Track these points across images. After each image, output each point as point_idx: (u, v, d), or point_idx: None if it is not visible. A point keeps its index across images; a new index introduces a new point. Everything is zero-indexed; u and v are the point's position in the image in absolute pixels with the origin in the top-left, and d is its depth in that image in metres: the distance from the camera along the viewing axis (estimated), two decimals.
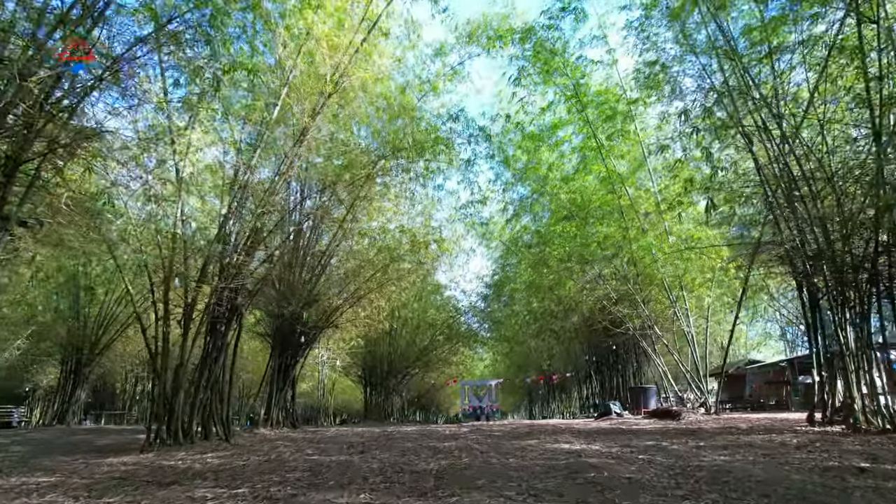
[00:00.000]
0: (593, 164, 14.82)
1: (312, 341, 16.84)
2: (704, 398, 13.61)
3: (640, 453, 6.58)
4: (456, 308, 29.64)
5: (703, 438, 8.03)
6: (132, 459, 7.80)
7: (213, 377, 10.21)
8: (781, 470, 4.98)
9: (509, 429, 10.92)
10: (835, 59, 8.65)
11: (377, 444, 8.91)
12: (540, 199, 16.65)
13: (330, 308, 16.40)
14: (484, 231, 21.20)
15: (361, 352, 27.46)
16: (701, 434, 8.66)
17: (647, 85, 11.82)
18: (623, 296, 15.42)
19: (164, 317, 10.22)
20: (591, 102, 14.23)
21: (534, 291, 18.18)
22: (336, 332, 20.98)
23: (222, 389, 10.37)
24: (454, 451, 7.29)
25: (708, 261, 13.19)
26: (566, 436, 8.92)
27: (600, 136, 14.17)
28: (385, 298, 19.16)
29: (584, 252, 14.19)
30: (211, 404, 10.13)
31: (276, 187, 10.75)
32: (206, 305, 10.01)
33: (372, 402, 29.64)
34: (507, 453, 6.90)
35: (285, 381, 15.80)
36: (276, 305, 15.60)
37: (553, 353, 31.98)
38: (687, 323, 14.20)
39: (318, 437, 11.51)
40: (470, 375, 42.33)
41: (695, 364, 14.08)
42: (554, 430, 9.98)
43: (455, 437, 9.61)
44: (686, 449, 6.87)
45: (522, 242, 17.68)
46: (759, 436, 8.22)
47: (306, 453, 8.00)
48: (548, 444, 7.65)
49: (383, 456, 7.16)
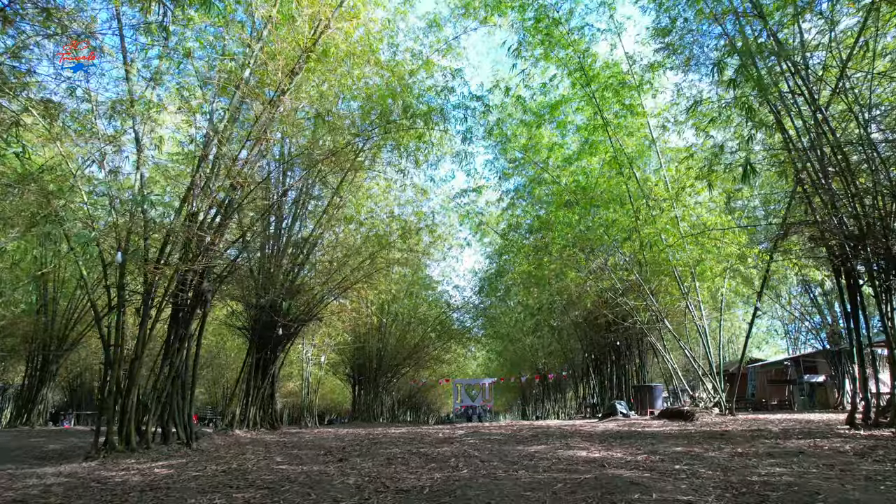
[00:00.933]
0: (599, 145, 13.69)
1: (294, 335, 15.58)
2: (718, 397, 12.53)
3: (673, 463, 5.45)
4: (448, 304, 28.47)
5: (738, 444, 6.91)
6: (69, 469, 6.56)
7: (175, 372, 8.95)
8: (877, 489, 3.86)
9: (510, 432, 9.75)
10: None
11: (359, 450, 7.72)
12: (541, 183, 15.51)
13: (313, 299, 15.17)
14: (479, 223, 20.04)
15: (350, 349, 26.22)
16: (732, 438, 7.55)
17: (663, 52, 10.73)
18: (630, 287, 14.33)
19: (118, 303, 8.97)
20: (598, 77, 13.10)
21: (534, 282, 17.02)
22: (321, 327, 19.75)
23: (185, 386, 9.12)
24: (450, 460, 6.12)
25: (725, 248, 12.12)
26: (578, 440, 7.78)
27: (607, 114, 13.05)
28: (374, 291, 17.95)
29: (591, 236, 13.03)
30: (172, 403, 8.87)
31: (250, 158, 9.50)
32: (165, 291, 8.75)
33: (361, 402, 28.37)
34: (514, 463, 5.74)
35: (264, 377, 14.54)
36: (254, 296, 14.36)
37: (549, 351, 30.91)
38: (700, 315, 13.12)
39: (296, 440, 10.30)
40: (462, 374, 41.26)
41: (708, 360, 13.00)
42: (561, 434, 8.83)
43: (450, 440, 8.44)
44: (726, 458, 5.75)
45: (521, 229, 16.48)
46: (801, 441, 7.12)
47: (274, 461, 6.79)
48: (560, 452, 6.50)
49: (364, 466, 5.97)
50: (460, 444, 7.71)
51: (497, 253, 22.25)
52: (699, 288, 13.23)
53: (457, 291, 28.40)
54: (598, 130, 13.43)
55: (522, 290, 18.48)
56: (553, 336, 26.79)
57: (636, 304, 14.06)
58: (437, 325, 28.25)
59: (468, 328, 29.55)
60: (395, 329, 27.47)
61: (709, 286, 12.52)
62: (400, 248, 15.42)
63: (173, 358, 8.92)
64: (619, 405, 14.02)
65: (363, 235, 15.45)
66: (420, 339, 27.95)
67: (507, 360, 37.52)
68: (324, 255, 15.82)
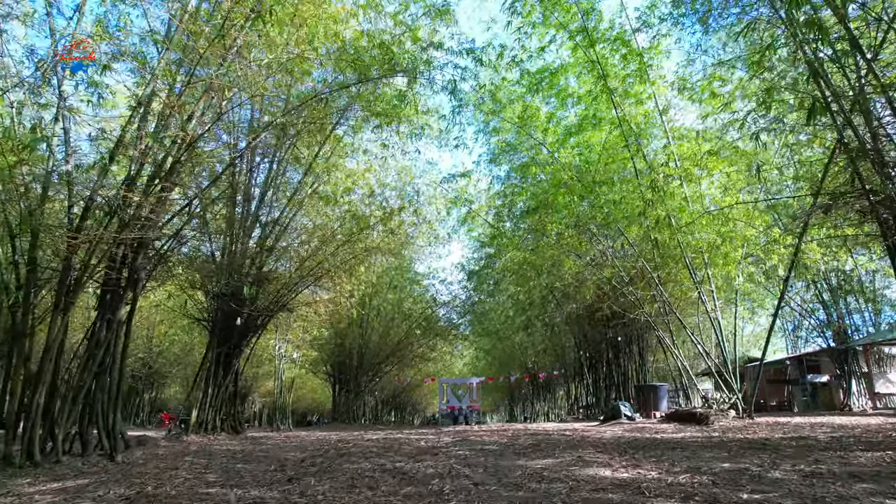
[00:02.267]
0: (603, 117, 12.27)
1: (262, 327, 13.96)
2: (735, 398, 11.18)
3: (733, 488, 4.01)
4: (435, 299, 26.91)
5: (794, 459, 5.49)
6: None
7: (100, 366, 7.32)
8: None
9: (506, 440, 8.25)
10: None
11: (320, 464, 6.17)
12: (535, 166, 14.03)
13: (283, 288, 13.56)
14: (467, 212, 18.53)
15: (329, 345, 24.59)
16: (779, 450, 6.13)
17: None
18: (636, 275, 12.95)
19: (26, 281, 7.33)
20: (602, 37, 11.68)
21: (529, 269, 15.50)
22: (296, 320, 18.13)
23: (112, 384, 7.49)
24: (432, 482, 4.61)
25: (744, 230, 10.75)
26: (591, 452, 6.30)
27: (612, 80, 11.63)
28: (352, 281, 16.36)
29: (595, 214, 11.56)
30: (95, 404, 7.25)
31: (197, 110, 7.89)
32: (85, 266, 7.12)
33: (341, 402, 26.74)
34: (519, 487, 4.25)
35: (226, 374, 12.90)
36: (215, 282, 12.72)
37: (539, 349, 29.51)
38: (713, 307, 11.77)
39: (252, 448, 8.71)
40: (449, 373, 39.82)
41: (722, 356, 11.65)
42: (568, 443, 7.36)
43: (433, 451, 6.92)
44: (798, 481, 4.32)
45: (516, 208, 14.94)
46: (871, 453, 5.73)
47: (205, 481, 5.23)
48: (576, 470, 5.02)
49: (318, 490, 4.45)
50: (446, 458, 6.20)
51: (488, 237, 20.59)
52: (712, 276, 11.87)
53: (444, 286, 26.74)
54: (602, 98, 12.01)
55: (517, 278, 16.96)
56: (545, 333, 25.37)
57: (643, 293, 12.66)
58: (422, 321, 26.71)
59: (455, 324, 28.03)
60: (378, 325, 25.89)
61: (729, 272, 11.13)
62: (381, 230, 13.86)
63: (94, 352, 7.29)
64: (622, 407, 12.62)
65: (339, 217, 13.87)
66: (404, 335, 26.37)
67: (495, 359, 36.10)
68: (296, 238, 14.21)
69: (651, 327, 15.07)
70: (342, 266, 14.09)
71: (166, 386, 31.26)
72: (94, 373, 7.12)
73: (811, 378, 23.19)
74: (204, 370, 12.79)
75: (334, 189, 14.12)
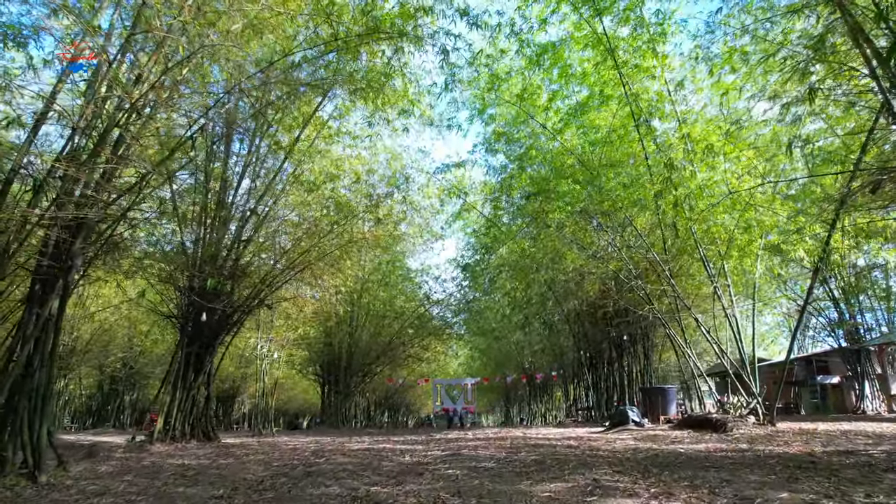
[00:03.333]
0: (611, 94, 11.19)
1: (237, 324, 12.82)
2: (755, 403, 10.15)
3: None
4: (428, 297, 25.76)
5: (860, 482, 4.44)
6: None
7: (24, 369, 6.20)
8: None
9: (504, 453, 7.15)
10: None
11: (279, 488, 5.07)
12: (535, 148, 12.96)
13: (262, 282, 12.44)
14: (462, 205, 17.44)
15: (316, 344, 23.44)
16: (833, 469, 5.06)
17: None
18: (646, 269, 11.91)
19: None
20: (609, 9, 10.62)
21: (528, 263, 14.40)
22: (277, 318, 17.01)
23: (38, 391, 6.35)
24: None
25: (765, 217, 9.71)
26: (607, 472, 5.22)
27: (622, 52, 10.58)
28: (339, 276, 15.22)
29: (604, 198, 10.44)
30: (17, 416, 6.12)
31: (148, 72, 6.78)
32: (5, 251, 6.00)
33: (330, 404, 25.56)
34: None
35: (197, 375, 11.78)
36: (185, 276, 11.61)
37: (537, 349, 28.45)
38: (729, 303, 10.74)
39: (211, 462, 7.59)
40: (443, 374, 38.77)
41: (741, 357, 10.62)
42: (578, 459, 6.27)
43: (418, 471, 5.82)
44: None
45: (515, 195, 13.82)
46: None
47: None
48: (594, 501, 3.94)
49: None
50: (433, 480, 5.11)
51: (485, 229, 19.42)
52: (727, 270, 10.84)
53: (437, 283, 25.59)
54: (609, 75, 10.95)
55: (515, 273, 15.83)
56: (543, 332, 24.30)
57: (652, 288, 11.60)
58: (415, 320, 25.57)
59: (450, 323, 26.90)
60: (368, 323, 24.74)
61: (747, 264, 10.09)
62: (368, 219, 12.76)
63: (21, 347, 6.17)
64: (630, 412, 11.56)
65: (322, 205, 12.74)
66: (396, 334, 25.23)
67: (491, 359, 35.04)
68: (276, 228, 13.09)
69: (658, 325, 14.04)
70: (326, 259, 12.97)
71: (148, 387, 30.05)
72: (11, 377, 5.98)
73: (821, 379, 22.23)
74: (173, 371, 11.67)
75: (318, 176, 13.02)
